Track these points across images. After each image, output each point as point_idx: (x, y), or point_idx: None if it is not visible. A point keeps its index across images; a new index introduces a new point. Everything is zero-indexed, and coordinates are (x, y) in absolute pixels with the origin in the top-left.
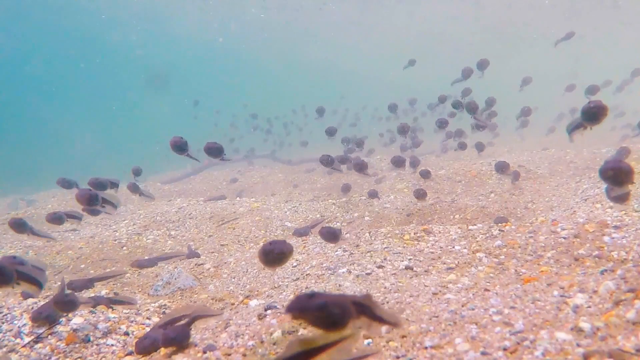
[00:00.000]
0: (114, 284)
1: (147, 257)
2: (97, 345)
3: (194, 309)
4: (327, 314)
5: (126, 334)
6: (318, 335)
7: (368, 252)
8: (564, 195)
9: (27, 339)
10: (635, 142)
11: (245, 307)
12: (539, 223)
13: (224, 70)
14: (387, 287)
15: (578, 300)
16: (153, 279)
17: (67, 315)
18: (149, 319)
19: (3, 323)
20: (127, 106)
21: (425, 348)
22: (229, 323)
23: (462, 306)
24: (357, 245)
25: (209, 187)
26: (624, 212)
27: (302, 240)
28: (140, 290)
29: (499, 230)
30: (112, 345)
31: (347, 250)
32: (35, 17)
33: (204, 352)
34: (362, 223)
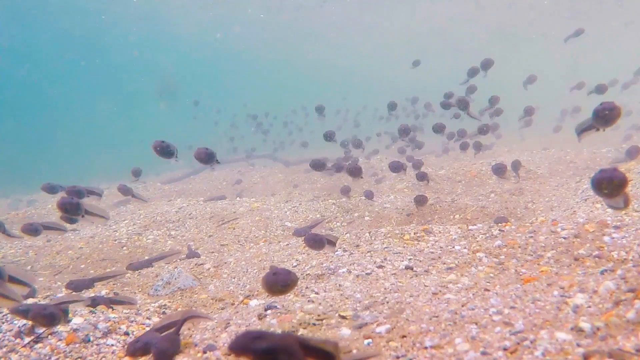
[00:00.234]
0: (114, 284)
1: (139, 260)
2: (97, 345)
3: (182, 314)
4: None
5: (126, 334)
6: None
7: (368, 252)
8: (564, 195)
9: (27, 339)
10: (637, 142)
11: (245, 307)
12: (539, 223)
13: (224, 71)
14: (387, 287)
15: (578, 300)
16: (153, 279)
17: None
18: (149, 319)
19: (3, 323)
20: (127, 106)
21: (425, 348)
22: (229, 323)
23: (462, 306)
24: (357, 245)
25: (209, 187)
26: (624, 211)
27: (302, 240)
28: (140, 290)
29: (499, 230)
30: (112, 345)
31: (347, 250)
32: (35, 17)
33: (204, 352)
34: (362, 223)
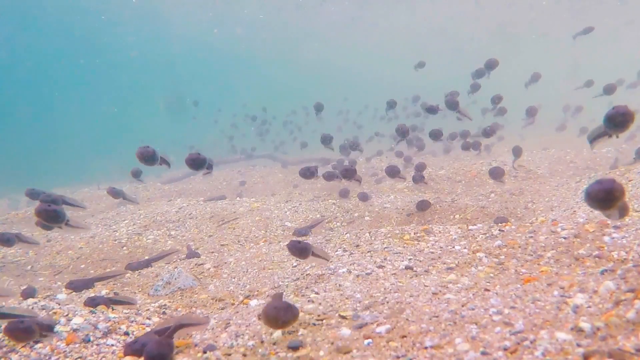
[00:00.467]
0: (114, 284)
1: (138, 260)
2: (97, 345)
3: (177, 320)
4: None
5: (126, 334)
6: None
7: (368, 252)
8: (564, 195)
9: None
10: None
11: (246, 307)
12: (539, 223)
13: (224, 71)
14: (387, 287)
15: (578, 300)
16: (153, 279)
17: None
18: (149, 319)
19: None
20: (127, 106)
21: (425, 348)
22: (229, 323)
23: (462, 306)
24: (357, 245)
25: (209, 187)
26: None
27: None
28: (140, 290)
29: (499, 230)
30: (112, 345)
31: (347, 250)
32: (34, 17)
33: (204, 352)
34: (362, 223)
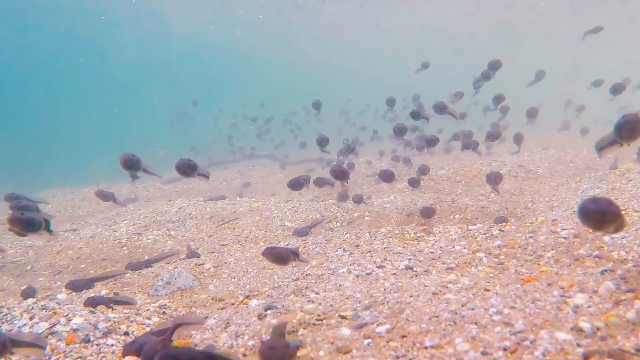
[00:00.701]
0: (114, 284)
1: (138, 260)
2: (97, 345)
3: (174, 320)
4: None
5: (126, 334)
6: None
7: (368, 252)
8: (564, 195)
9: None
10: None
11: (245, 307)
12: (539, 223)
13: (224, 71)
14: (387, 287)
15: (578, 300)
16: (153, 279)
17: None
18: (149, 319)
19: (3, 323)
20: (126, 106)
21: (426, 348)
22: (229, 323)
23: (462, 306)
24: (357, 245)
25: (209, 187)
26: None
27: (302, 240)
28: (140, 290)
29: (499, 230)
30: (112, 345)
31: (347, 250)
32: (34, 17)
33: None
34: (362, 223)
